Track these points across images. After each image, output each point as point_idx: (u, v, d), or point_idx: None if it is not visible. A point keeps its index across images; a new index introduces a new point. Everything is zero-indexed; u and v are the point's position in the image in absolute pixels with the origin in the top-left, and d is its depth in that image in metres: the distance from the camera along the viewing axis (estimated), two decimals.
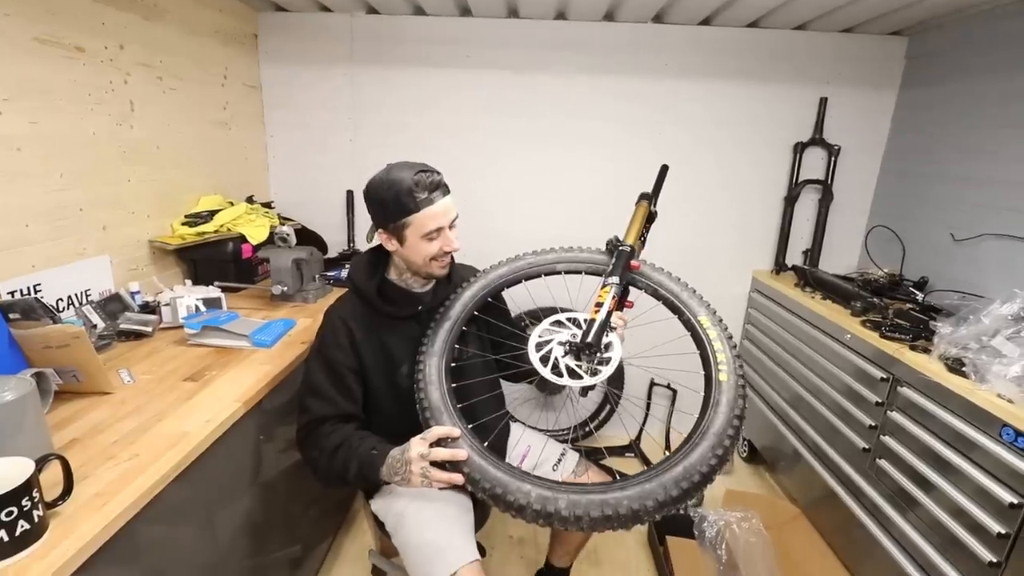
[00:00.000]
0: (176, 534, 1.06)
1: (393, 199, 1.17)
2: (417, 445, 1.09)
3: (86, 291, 1.61)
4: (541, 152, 2.54)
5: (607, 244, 1.38)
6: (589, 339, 1.14)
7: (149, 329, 1.57)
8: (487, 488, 1.02)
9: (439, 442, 1.09)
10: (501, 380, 1.51)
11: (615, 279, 1.24)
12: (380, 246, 1.32)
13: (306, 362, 1.31)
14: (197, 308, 1.66)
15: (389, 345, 1.30)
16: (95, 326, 1.51)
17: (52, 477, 0.85)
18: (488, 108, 2.49)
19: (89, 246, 1.63)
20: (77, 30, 1.53)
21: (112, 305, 1.62)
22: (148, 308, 1.71)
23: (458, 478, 1.05)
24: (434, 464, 1.07)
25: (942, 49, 2.19)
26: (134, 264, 1.81)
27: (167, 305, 1.66)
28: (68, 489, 0.85)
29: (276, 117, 2.56)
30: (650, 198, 1.47)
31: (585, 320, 1.20)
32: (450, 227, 1.24)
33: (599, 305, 1.20)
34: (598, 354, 1.14)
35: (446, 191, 1.22)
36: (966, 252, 1.99)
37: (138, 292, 1.73)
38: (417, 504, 1.26)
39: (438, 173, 1.21)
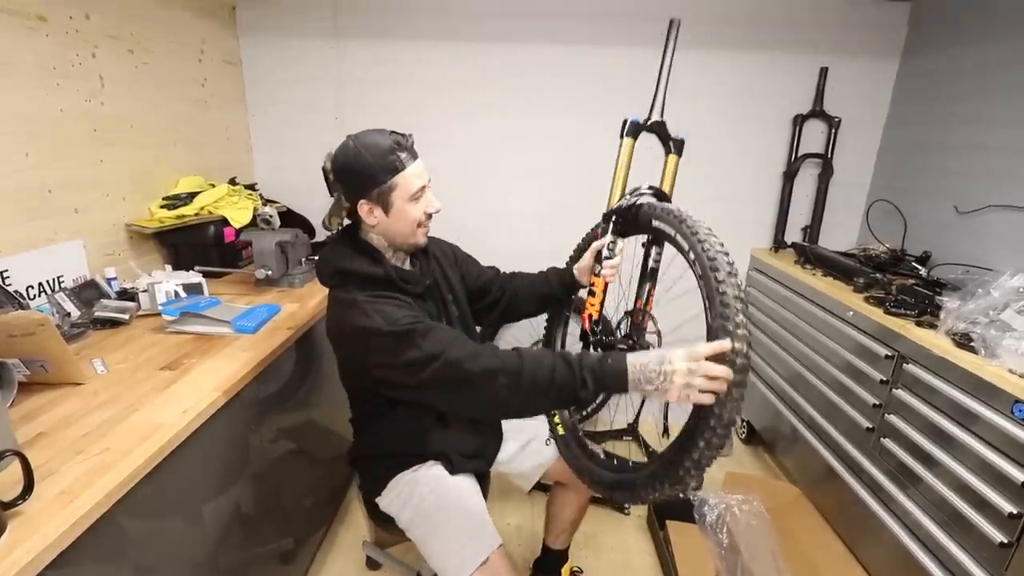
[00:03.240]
0: (155, 530, 1.00)
1: (377, 161, 1.11)
2: (682, 358, 0.91)
3: (59, 278, 1.53)
4: (536, 124, 2.45)
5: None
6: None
7: (126, 316, 1.50)
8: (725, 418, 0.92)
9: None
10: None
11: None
12: (346, 232, 1.23)
13: (391, 346, 1.04)
14: (177, 294, 1.59)
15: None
16: (68, 314, 1.44)
17: (13, 475, 0.79)
18: (476, 82, 2.40)
19: (60, 230, 1.55)
20: None
21: (87, 292, 1.55)
22: (126, 295, 1.63)
23: (723, 385, 0.89)
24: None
25: (944, 14, 2.11)
26: (110, 249, 1.73)
27: (145, 291, 1.59)
28: (28, 487, 0.79)
29: (258, 94, 2.46)
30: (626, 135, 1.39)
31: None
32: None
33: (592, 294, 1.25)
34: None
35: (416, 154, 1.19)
36: (970, 224, 1.94)
37: (115, 278, 1.66)
38: (436, 496, 1.24)
39: (407, 135, 1.18)
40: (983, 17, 1.94)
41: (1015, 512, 1.21)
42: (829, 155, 2.41)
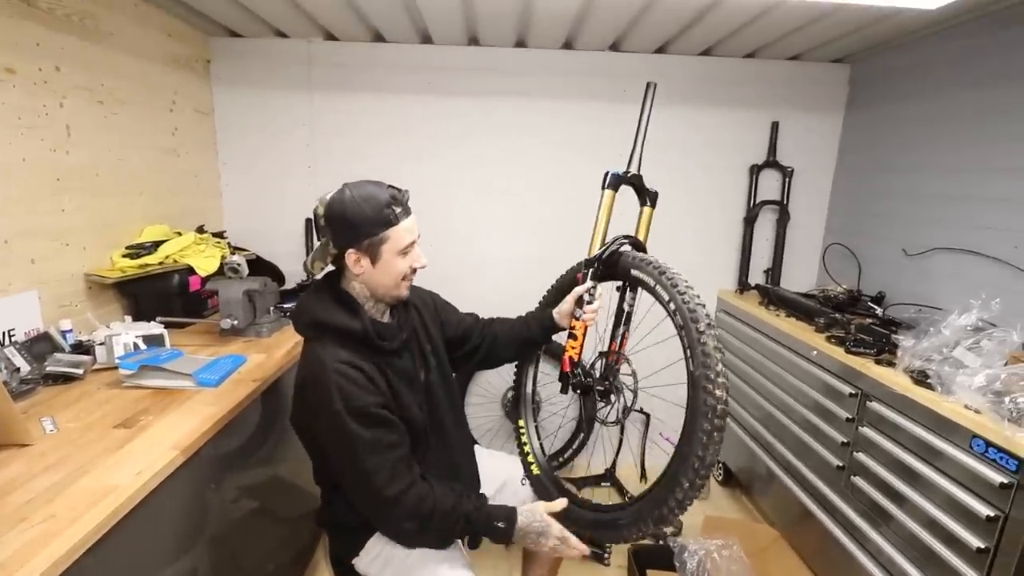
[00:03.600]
0: None
1: (374, 213, 1.12)
2: (556, 531, 1.21)
3: (10, 331, 1.46)
4: (502, 176, 2.53)
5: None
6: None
7: (80, 371, 1.43)
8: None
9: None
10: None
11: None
12: (327, 281, 1.22)
13: (338, 434, 1.09)
14: (136, 346, 1.53)
15: (392, 381, 1.21)
16: (18, 369, 1.36)
17: None
18: (450, 133, 2.47)
19: (15, 281, 1.49)
20: (6, 50, 1.43)
21: (39, 346, 1.48)
22: (81, 348, 1.56)
23: (585, 549, 1.22)
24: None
25: (880, 75, 2.31)
26: (67, 300, 1.67)
27: (102, 344, 1.52)
28: None
29: (230, 143, 2.47)
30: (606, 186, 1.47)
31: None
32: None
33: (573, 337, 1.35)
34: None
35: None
36: (918, 266, 2.06)
37: (70, 331, 1.59)
38: (423, 556, 1.21)
39: (403, 190, 1.20)
40: (914, 77, 2.13)
41: (982, 547, 1.23)
42: (785, 202, 2.55)
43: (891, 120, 2.24)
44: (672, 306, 1.11)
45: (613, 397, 1.38)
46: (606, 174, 1.46)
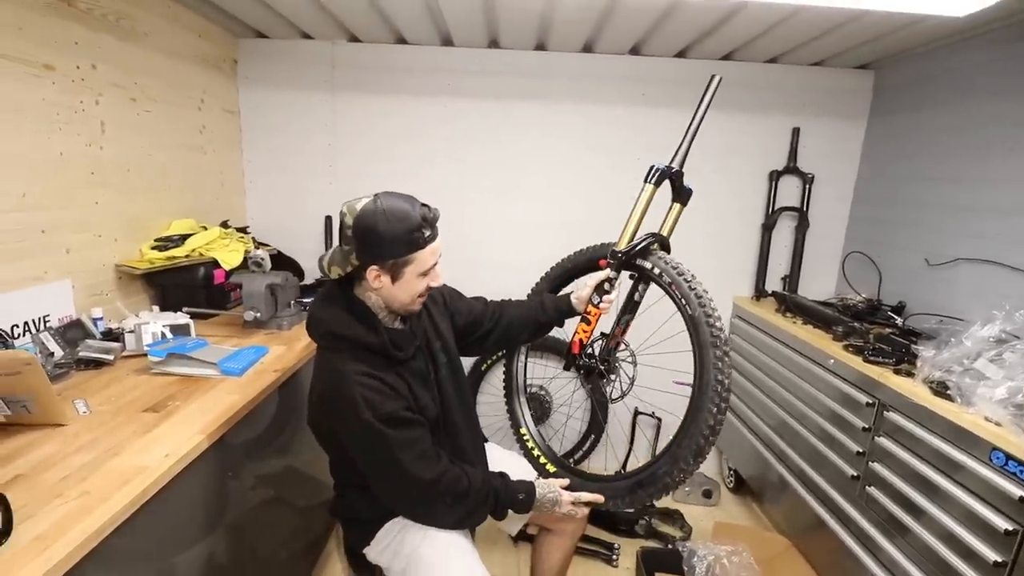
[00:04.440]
0: None
1: (405, 234, 1.11)
2: (567, 498, 1.36)
3: (44, 317, 1.52)
4: (521, 178, 2.55)
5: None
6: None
7: (111, 357, 1.48)
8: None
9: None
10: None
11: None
12: (340, 287, 1.22)
13: (370, 441, 1.13)
14: (163, 335, 1.58)
15: (411, 384, 1.24)
16: (52, 354, 1.42)
17: None
18: (468, 135, 2.50)
19: (50, 270, 1.55)
20: (47, 48, 1.49)
21: (72, 332, 1.54)
22: (111, 335, 1.62)
23: (600, 498, 1.37)
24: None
25: (905, 82, 2.28)
26: (98, 289, 1.73)
27: (131, 332, 1.58)
28: (6, 531, 0.77)
29: (254, 142, 2.53)
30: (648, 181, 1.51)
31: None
32: None
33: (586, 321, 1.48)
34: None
35: None
36: (941, 276, 2.03)
37: (101, 318, 1.65)
38: (429, 543, 1.24)
39: (434, 209, 1.19)
40: (940, 86, 2.10)
41: (999, 560, 1.21)
42: (804, 208, 2.53)
43: (916, 128, 2.21)
44: (666, 279, 1.32)
45: (614, 376, 1.51)
46: (651, 168, 1.46)
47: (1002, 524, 1.22)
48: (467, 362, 2.63)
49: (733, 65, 2.43)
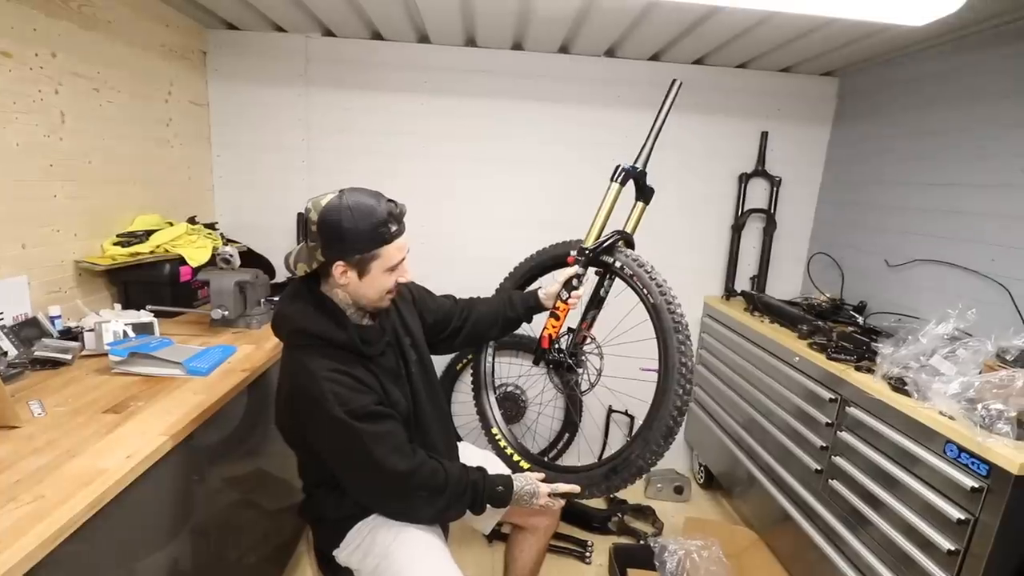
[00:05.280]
0: None
1: (369, 229, 1.10)
2: (544, 490, 1.37)
3: None
4: (499, 176, 2.55)
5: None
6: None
7: (68, 357, 1.42)
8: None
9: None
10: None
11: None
12: (306, 284, 1.20)
13: (342, 437, 1.12)
14: (125, 334, 1.52)
15: (381, 379, 1.22)
16: (5, 353, 1.36)
17: None
18: (446, 133, 2.49)
19: (5, 265, 1.48)
20: (3, 34, 1.42)
21: (27, 330, 1.48)
22: (70, 334, 1.56)
23: (576, 488, 1.40)
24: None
25: (867, 89, 2.36)
26: (56, 286, 1.66)
27: (91, 331, 1.52)
28: None
29: (224, 136, 2.46)
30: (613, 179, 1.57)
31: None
32: None
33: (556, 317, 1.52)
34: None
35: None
36: (900, 276, 2.11)
37: (59, 317, 1.58)
38: (399, 543, 1.22)
39: (400, 204, 1.18)
40: (900, 93, 2.18)
41: (953, 549, 1.27)
42: (772, 210, 2.59)
43: (877, 134, 2.30)
44: (627, 271, 1.40)
45: (581, 369, 1.57)
46: (616, 167, 1.52)
47: (955, 514, 1.27)
48: (441, 361, 2.63)
49: (705, 69, 2.48)
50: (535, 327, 1.69)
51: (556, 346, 1.57)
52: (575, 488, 1.40)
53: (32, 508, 0.84)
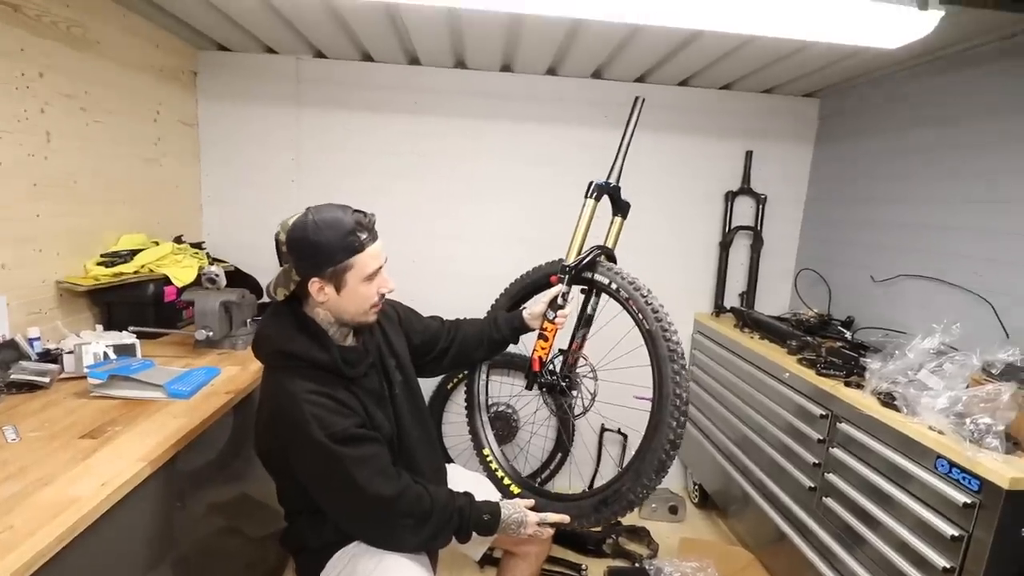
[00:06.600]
0: None
1: (338, 239, 1.09)
2: (533, 519, 1.33)
3: None
4: (489, 196, 2.56)
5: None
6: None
7: (46, 380, 1.39)
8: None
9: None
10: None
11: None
12: (288, 305, 1.19)
13: (324, 461, 1.09)
14: (106, 356, 1.49)
15: (364, 401, 1.20)
16: None
17: None
18: (436, 153, 2.51)
19: None
20: None
21: (5, 353, 1.44)
22: (49, 356, 1.52)
23: (565, 518, 1.37)
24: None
25: (849, 110, 2.42)
26: (37, 307, 1.62)
27: (71, 353, 1.48)
28: None
29: (214, 156, 2.46)
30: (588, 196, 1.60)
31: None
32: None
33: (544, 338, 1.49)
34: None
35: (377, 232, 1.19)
36: (886, 292, 2.13)
37: (38, 338, 1.54)
38: (385, 568, 1.18)
39: (369, 214, 1.17)
40: (881, 114, 2.23)
41: (948, 567, 1.25)
42: (759, 228, 2.63)
43: (859, 153, 2.34)
44: (623, 294, 1.39)
45: (575, 392, 1.54)
46: (590, 184, 1.54)
47: (949, 530, 1.26)
48: (432, 382, 2.60)
49: (690, 91, 2.53)
50: (526, 346, 1.68)
51: (548, 368, 1.54)
52: (564, 518, 1.37)
53: (1, 539, 0.81)
